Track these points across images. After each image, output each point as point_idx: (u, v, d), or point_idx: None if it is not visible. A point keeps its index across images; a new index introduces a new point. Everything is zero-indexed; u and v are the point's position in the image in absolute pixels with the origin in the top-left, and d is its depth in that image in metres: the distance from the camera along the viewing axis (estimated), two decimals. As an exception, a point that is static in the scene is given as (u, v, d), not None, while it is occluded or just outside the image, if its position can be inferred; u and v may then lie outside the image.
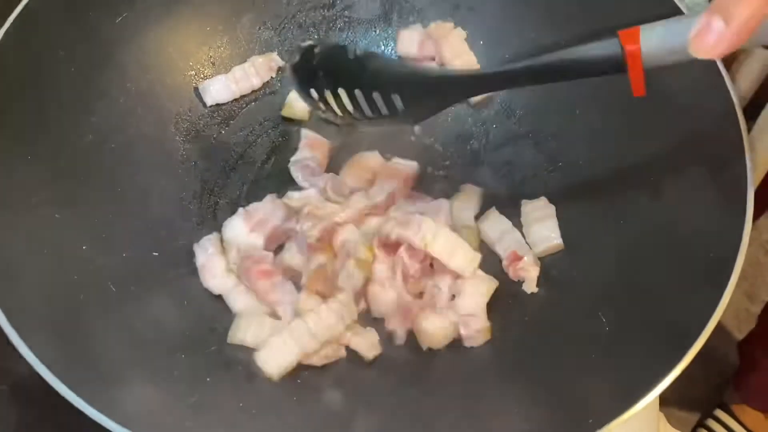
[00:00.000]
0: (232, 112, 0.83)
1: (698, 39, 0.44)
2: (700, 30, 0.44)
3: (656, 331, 0.60)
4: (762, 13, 0.42)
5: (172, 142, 0.79)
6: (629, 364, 0.59)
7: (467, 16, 0.85)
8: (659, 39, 0.49)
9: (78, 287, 0.63)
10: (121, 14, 0.76)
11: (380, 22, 0.87)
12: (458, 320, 0.69)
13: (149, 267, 0.70)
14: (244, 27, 0.84)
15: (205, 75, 0.82)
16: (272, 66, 0.84)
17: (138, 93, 0.77)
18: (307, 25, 0.86)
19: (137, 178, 0.74)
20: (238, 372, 0.65)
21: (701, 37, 0.44)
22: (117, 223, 0.70)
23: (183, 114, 0.80)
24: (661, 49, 0.49)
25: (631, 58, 0.50)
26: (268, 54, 0.84)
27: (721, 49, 0.43)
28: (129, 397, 0.58)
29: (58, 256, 0.64)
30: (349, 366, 0.68)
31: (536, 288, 0.71)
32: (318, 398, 0.65)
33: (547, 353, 0.65)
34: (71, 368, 0.55)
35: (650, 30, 0.50)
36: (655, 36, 0.49)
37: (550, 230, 0.73)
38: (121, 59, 0.76)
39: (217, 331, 0.68)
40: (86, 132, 0.72)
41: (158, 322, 0.66)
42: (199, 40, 0.82)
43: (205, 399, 0.61)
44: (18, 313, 0.56)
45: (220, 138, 0.82)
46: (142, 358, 0.62)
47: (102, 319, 0.63)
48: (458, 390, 0.65)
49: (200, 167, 0.79)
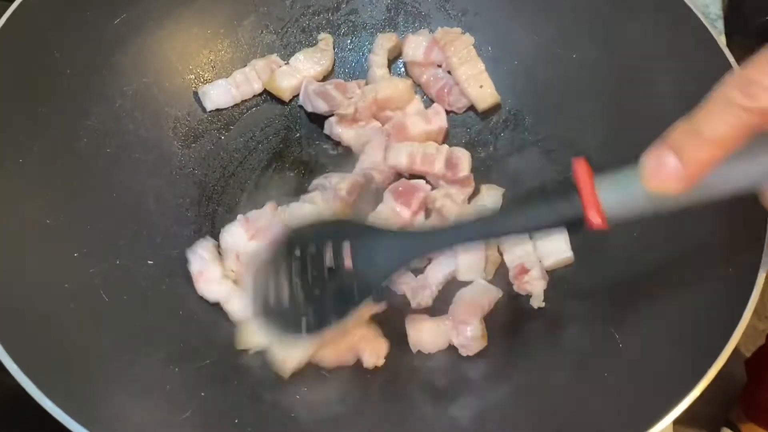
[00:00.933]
0: (232, 118, 0.81)
1: (653, 174, 0.43)
2: (656, 165, 0.43)
3: (672, 352, 0.58)
4: (714, 159, 0.41)
5: (170, 147, 0.77)
6: (644, 386, 0.57)
7: (474, 21, 0.83)
8: (617, 192, 0.46)
9: (69, 296, 0.61)
10: (119, 15, 0.75)
11: (385, 27, 0.85)
12: (452, 327, 0.67)
13: (143, 275, 0.68)
14: (246, 30, 0.83)
15: (206, 79, 0.81)
16: (273, 68, 0.82)
17: (135, 96, 0.75)
18: (310, 29, 0.85)
19: (133, 184, 0.72)
20: (234, 387, 0.63)
21: (656, 172, 0.43)
22: (111, 230, 0.68)
23: (182, 118, 0.78)
24: (621, 204, 0.47)
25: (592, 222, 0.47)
26: (269, 56, 0.82)
27: (677, 186, 0.42)
28: (118, 411, 0.56)
29: (48, 263, 0.62)
30: (350, 385, 0.65)
31: (543, 303, 0.69)
32: (315, 416, 0.63)
33: (559, 372, 0.63)
34: (57, 381, 0.53)
35: (606, 184, 0.47)
36: (612, 190, 0.47)
37: (561, 243, 0.71)
38: (118, 61, 0.75)
39: (213, 344, 0.66)
40: (81, 135, 0.70)
41: (151, 333, 0.64)
42: (199, 43, 0.81)
43: (199, 414, 0.59)
44: (4, 325, 0.54)
45: (220, 144, 0.80)
46: (134, 370, 0.60)
47: (92, 330, 0.61)
48: (464, 410, 0.63)
49: (198, 173, 0.77)
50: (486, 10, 0.82)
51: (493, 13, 0.82)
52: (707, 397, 0.81)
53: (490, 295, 0.69)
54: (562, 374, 0.62)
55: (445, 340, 0.68)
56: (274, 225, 0.72)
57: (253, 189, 0.78)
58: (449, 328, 0.68)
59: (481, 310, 0.68)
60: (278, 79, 0.81)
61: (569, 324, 0.67)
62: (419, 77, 0.83)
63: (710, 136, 0.40)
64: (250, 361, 0.65)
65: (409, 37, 0.82)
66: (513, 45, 0.81)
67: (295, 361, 0.64)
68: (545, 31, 0.79)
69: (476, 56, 0.81)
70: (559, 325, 0.67)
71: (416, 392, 0.65)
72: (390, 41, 0.82)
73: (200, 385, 0.62)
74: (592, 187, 0.47)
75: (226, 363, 0.65)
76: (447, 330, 0.68)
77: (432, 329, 0.68)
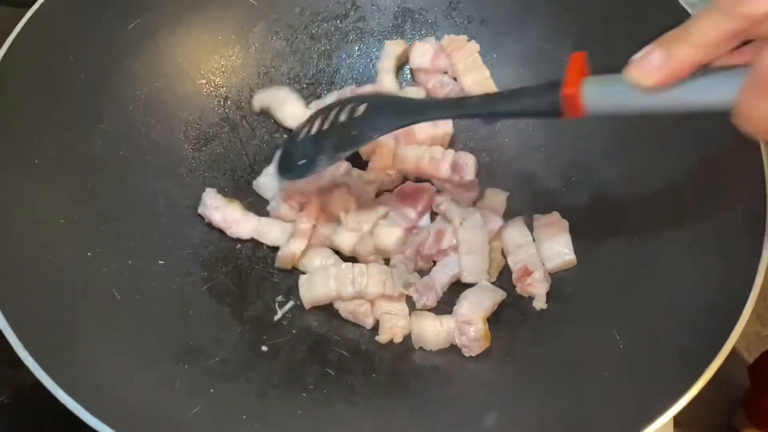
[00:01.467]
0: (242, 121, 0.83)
1: (637, 65, 0.46)
2: (642, 58, 0.46)
3: (671, 352, 0.59)
4: (697, 59, 0.44)
5: (181, 150, 0.78)
6: (643, 384, 0.58)
7: (480, 29, 0.84)
8: (600, 86, 0.50)
9: (82, 294, 0.63)
10: (132, 21, 0.76)
11: (393, 34, 0.86)
12: (455, 327, 0.69)
13: (155, 275, 0.70)
14: (256, 36, 0.84)
15: (216, 84, 0.82)
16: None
17: (148, 100, 0.77)
18: (319, 35, 0.86)
19: (144, 186, 0.74)
20: (242, 384, 0.64)
21: (640, 64, 0.46)
22: (123, 230, 0.70)
23: (192, 122, 0.80)
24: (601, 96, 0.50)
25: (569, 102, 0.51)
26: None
27: (657, 78, 0.45)
28: (130, 406, 0.57)
29: (63, 263, 0.63)
30: (358, 382, 0.67)
31: (545, 305, 0.70)
32: (323, 412, 0.64)
33: (559, 372, 0.64)
34: (71, 375, 0.55)
35: (595, 80, 0.50)
36: (599, 84, 0.50)
37: (563, 246, 0.72)
38: (131, 66, 0.76)
39: (221, 342, 0.67)
40: (94, 138, 0.72)
41: (162, 331, 0.65)
42: (210, 49, 0.82)
43: (208, 410, 0.60)
44: (20, 319, 0.55)
45: (230, 147, 0.81)
46: (145, 367, 0.61)
47: (105, 327, 0.62)
48: (465, 408, 0.64)
49: (208, 176, 0.79)
50: (492, 18, 0.84)
51: (499, 21, 0.83)
52: (710, 402, 0.81)
53: (495, 297, 0.70)
54: (562, 374, 0.63)
55: (448, 339, 0.69)
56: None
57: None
58: (452, 328, 0.69)
59: (484, 311, 0.69)
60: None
61: (571, 325, 0.68)
62: (425, 83, 0.84)
63: (698, 37, 0.43)
64: (257, 359, 0.67)
65: (416, 44, 0.84)
66: (518, 52, 0.82)
67: (314, 297, 0.70)
68: (550, 38, 0.80)
69: (482, 64, 0.82)
70: (560, 326, 0.68)
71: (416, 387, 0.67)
72: (398, 48, 0.84)
73: (209, 381, 0.63)
74: (579, 73, 0.51)
75: (234, 361, 0.66)
76: (450, 329, 0.69)
77: (435, 327, 0.69)
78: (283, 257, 0.74)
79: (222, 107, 0.82)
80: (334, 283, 0.69)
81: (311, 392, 0.65)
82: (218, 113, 0.82)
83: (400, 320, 0.70)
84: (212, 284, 0.72)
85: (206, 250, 0.75)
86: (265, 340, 0.69)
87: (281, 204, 0.76)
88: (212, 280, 0.73)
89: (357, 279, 0.69)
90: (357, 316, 0.71)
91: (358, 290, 0.69)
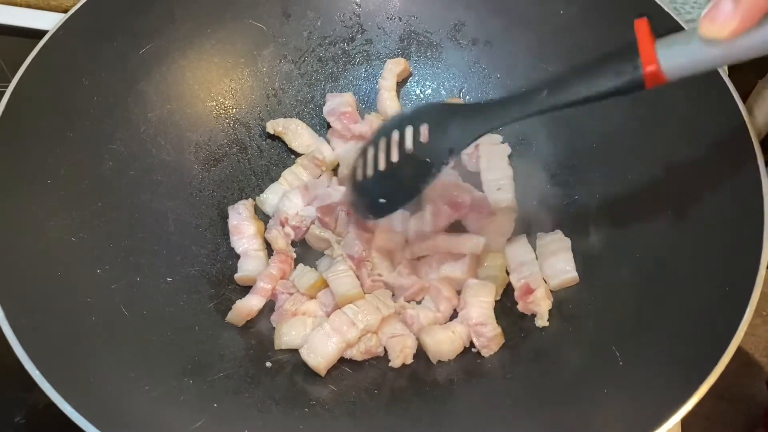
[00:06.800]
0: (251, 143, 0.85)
1: (707, 19, 0.46)
2: (710, 11, 0.45)
3: (670, 366, 0.59)
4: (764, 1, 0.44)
5: (191, 170, 0.80)
6: (642, 398, 0.58)
7: (484, 50, 0.85)
8: (675, 50, 0.50)
9: (90, 309, 0.64)
10: (145, 46, 0.79)
11: (398, 56, 0.88)
12: (468, 331, 0.69)
13: (162, 292, 0.71)
14: (265, 60, 0.86)
15: (226, 106, 0.84)
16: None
17: (159, 122, 0.79)
18: (326, 58, 0.88)
19: (154, 205, 0.76)
20: (245, 399, 0.65)
21: (711, 17, 0.45)
22: (132, 248, 0.71)
23: (202, 143, 0.82)
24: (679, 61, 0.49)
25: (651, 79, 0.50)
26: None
27: (730, 29, 0.45)
28: (136, 420, 0.58)
29: (72, 279, 0.65)
30: (361, 398, 0.67)
31: (547, 322, 0.70)
32: (325, 428, 0.64)
33: (560, 387, 0.64)
34: (79, 390, 0.56)
35: (665, 45, 0.50)
36: (672, 49, 0.50)
37: (566, 263, 0.72)
38: (143, 89, 0.78)
39: (226, 358, 0.68)
40: (106, 159, 0.74)
41: (168, 346, 0.67)
42: (220, 72, 0.84)
43: (211, 425, 0.61)
44: (30, 335, 0.57)
45: (239, 168, 0.83)
46: (151, 381, 0.62)
47: (112, 342, 0.63)
48: (467, 424, 0.64)
49: (217, 195, 0.81)
50: (496, 39, 0.85)
51: (503, 42, 0.85)
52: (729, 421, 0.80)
53: (491, 291, 0.72)
54: (562, 391, 0.63)
55: (462, 344, 0.70)
56: (330, 192, 0.78)
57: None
58: (464, 332, 0.70)
59: (490, 307, 0.70)
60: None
61: (571, 342, 0.68)
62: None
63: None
64: (261, 374, 0.68)
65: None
66: (521, 73, 0.83)
67: (327, 358, 0.68)
68: (552, 60, 0.81)
69: (507, 164, 0.80)
70: (561, 343, 0.68)
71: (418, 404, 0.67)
72: (398, 66, 0.85)
73: (213, 396, 0.64)
74: (652, 44, 0.50)
75: (238, 376, 0.67)
76: (462, 333, 0.69)
77: (449, 337, 0.69)
78: (238, 310, 0.72)
79: (231, 129, 0.84)
80: (335, 335, 0.68)
81: (314, 408, 0.65)
82: (227, 134, 0.83)
83: (407, 340, 0.70)
84: (219, 301, 0.73)
85: (214, 267, 0.76)
86: (270, 356, 0.70)
87: (272, 229, 0.78)
88: (219, 297, 0.74)
89: (356, 318, 0.68)
90: (371, 351, 0.70)
91: (364, 326, 0.68)
